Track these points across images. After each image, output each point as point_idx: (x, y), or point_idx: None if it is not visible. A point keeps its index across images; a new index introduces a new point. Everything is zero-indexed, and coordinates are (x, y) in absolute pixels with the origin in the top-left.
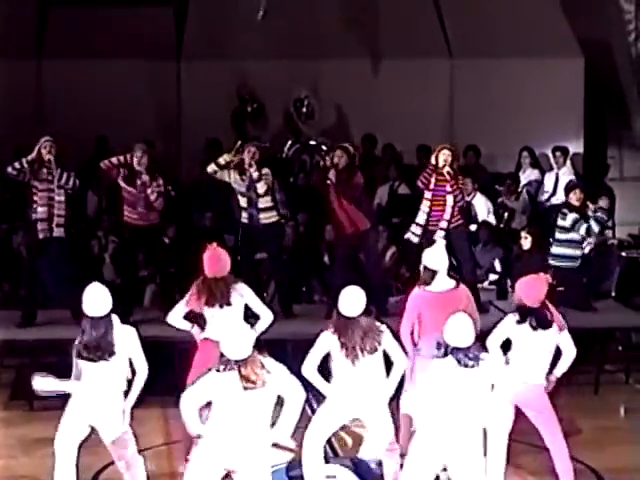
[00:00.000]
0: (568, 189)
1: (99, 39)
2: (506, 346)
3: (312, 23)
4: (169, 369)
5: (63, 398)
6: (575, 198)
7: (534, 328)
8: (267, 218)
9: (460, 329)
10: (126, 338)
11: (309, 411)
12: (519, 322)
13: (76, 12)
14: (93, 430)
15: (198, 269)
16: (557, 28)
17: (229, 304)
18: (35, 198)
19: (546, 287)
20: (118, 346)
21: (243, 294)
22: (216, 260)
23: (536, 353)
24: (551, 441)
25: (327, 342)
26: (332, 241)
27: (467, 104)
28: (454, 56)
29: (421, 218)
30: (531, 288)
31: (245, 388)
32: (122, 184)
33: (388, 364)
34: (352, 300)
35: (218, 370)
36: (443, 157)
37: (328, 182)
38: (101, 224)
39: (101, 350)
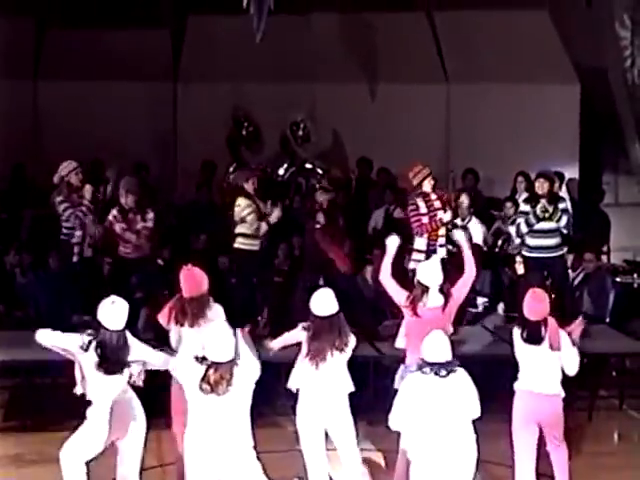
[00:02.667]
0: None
1: (96, 61)
2: None
3: (309, 46)
4: (161, 392)
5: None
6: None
7: (524, 341)
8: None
9: (437, 346)
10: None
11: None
12: (525, 341)
13: (73, 34)
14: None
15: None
16: (553, 54)
17: (198, 325)
18: (68, 224)
19: (547, 303)
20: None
21: (218, 315)
22: (191, 280)
23: (535, 365)
24: (556, 459)
25: (299, 335)
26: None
27: (463, 129)
28: (451, 81)
29: (421, 244)
30: (533, 301)
31: (203, 390)
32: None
33: None
34: (325, 300)
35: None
36: (422, 176)
37: (318, 225)
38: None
39: (121, 363)
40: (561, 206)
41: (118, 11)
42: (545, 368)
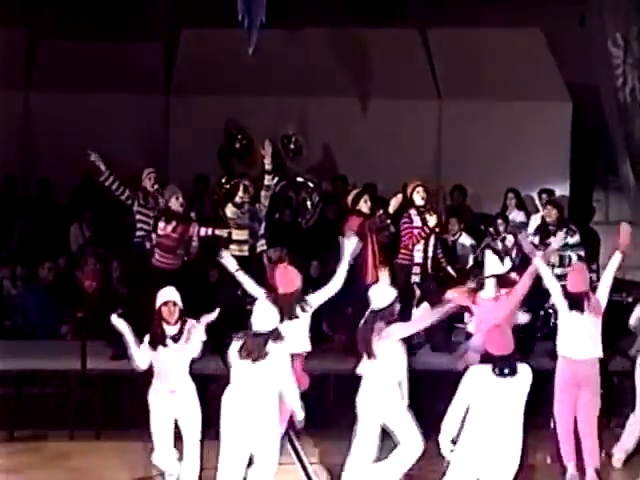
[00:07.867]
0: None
1: (88, 73)
2: None
3: (301, 61)
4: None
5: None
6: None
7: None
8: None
9: (498, 339)
10: None
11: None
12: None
13: (66, 46)
14: None
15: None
16: (545, 71)
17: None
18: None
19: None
20: None
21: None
22: (286, 277)
23: (577, 333)
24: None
25: None
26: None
27: (455, 145)
28: (443, 97)
29: (417, 257)
30: (575, 273)
31: (240, 355)
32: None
33: None
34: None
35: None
36: (420, 195)
37: None
38: (86, 256)
39: None
40: (571, 241)
41: (111, 24)
42: (585, 335)
